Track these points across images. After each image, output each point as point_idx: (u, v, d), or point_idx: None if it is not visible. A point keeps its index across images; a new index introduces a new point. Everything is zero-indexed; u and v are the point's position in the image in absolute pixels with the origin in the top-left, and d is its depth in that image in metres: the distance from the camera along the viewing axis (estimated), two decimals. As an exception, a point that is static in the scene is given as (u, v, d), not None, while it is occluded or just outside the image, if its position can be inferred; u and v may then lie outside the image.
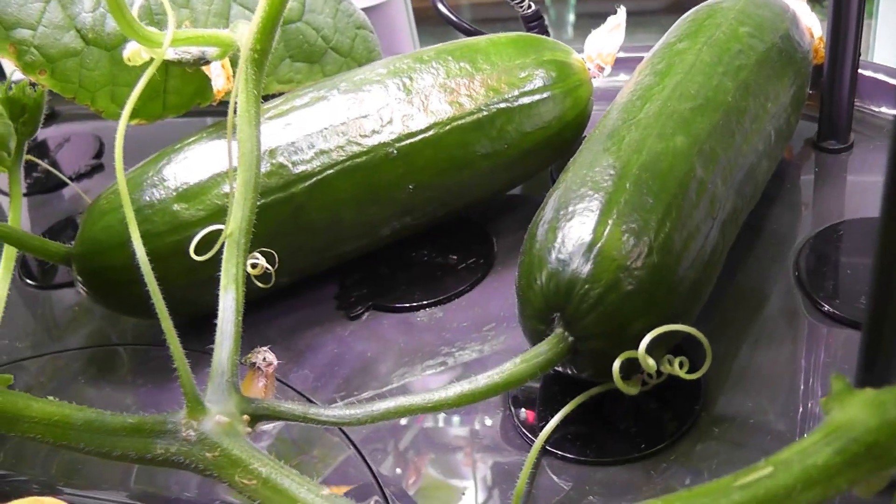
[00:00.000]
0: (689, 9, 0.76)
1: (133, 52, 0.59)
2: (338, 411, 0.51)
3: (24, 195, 1.02)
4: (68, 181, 0.80)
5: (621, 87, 0.69)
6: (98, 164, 1.02)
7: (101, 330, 0.77)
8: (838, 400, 0.36)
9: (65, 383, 0.71)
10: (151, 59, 0.58)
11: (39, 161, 0.95)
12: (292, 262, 0.67)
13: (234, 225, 0.55)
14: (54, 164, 1.07)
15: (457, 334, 0.67)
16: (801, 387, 0.58)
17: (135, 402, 0.68)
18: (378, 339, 0.68)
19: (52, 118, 1.16)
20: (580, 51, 0.77)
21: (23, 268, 0.85)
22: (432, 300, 0.70)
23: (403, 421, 0.61)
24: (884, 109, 0.83)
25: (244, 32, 0.58)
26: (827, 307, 0.62)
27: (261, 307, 0.71)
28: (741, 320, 0.63)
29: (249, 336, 0.68)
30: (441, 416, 0.62)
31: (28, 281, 0.84)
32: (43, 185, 1.02)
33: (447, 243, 0.75)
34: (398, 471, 0.58)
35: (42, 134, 1.15)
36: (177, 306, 0.68)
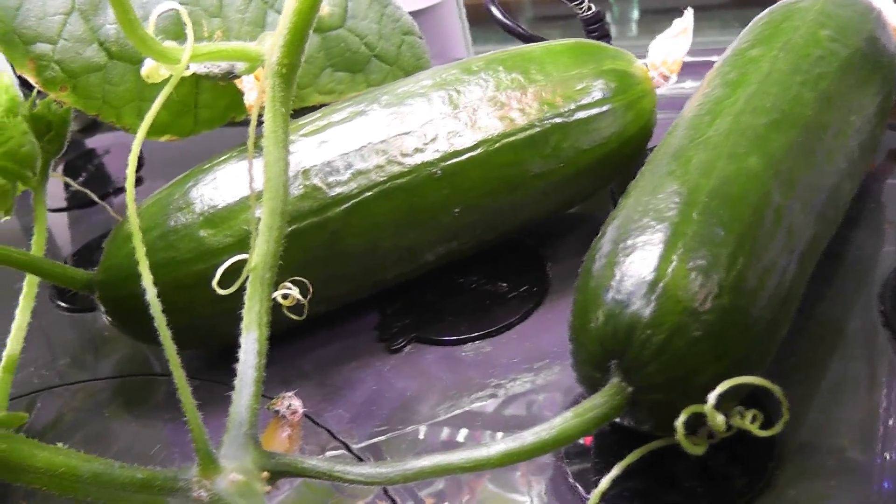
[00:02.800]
0: (757, 4, 0.69)
1: (151, 69, 0.55)
2: (367, 469, 0.46)
3: (64, 209, 0.99)
4: (98, 200, 0.76)
5: (687, 95, 0.63)
6: (138, 178, 0.98)
7: (135, 355, 0.73)
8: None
9: (90, 415, 0.68)
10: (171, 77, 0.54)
11: (69, 180, 0.92)
12: (328, 290, 0.63)
13: (259, 258, 0.51)
14: (93, 176, 1.03)
15: (506, 371, 0.61)
16: (884, 448, 0.51)
17: (162, 438, 0.64)
18: (420, 376, 0.62)
19: (96, 127, 1.13)
20: (645, 48, 0.71)
21: (55, 289, 0.81)
22: (480, 332, 0.64)
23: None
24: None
25: (270, 44, 0.53)
26: (919, 348, 0.56)
27: (295, 337, 0.67)
28: (820, 362, 0.57)
29: (282, 369, 0.64)
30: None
31: (60, 304, 0.80)
32: (83, 198, 0.98)
33: (497, 269, 0.70)
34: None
35: (90, 143, 1.13)
36: (204, 337, 0.65)
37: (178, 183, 0.63)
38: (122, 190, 0.98)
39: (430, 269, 0.68)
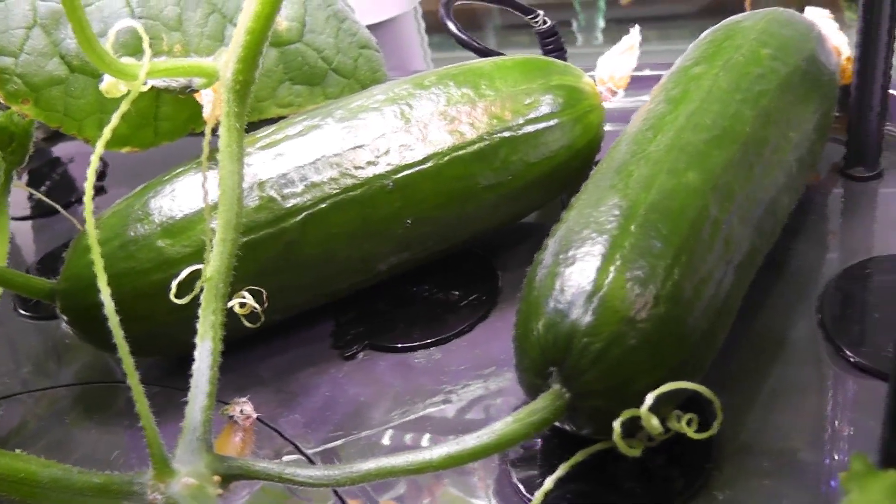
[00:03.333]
0: (723, 12, 0.72)
1: (109, 84, 0.56)
2: (315, 472, 0.47)
3: (29, 217, 1.00)
4: (60, 209, 0.77)
5: (637, 108, 0.65)
6: (100, 187, 0.99)
7: (97, 363, 0.74)
8: (858, 481, 0.32)
9: (52, 422, 0.68)
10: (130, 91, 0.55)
11: (32, 190, 0.93)
12: (284, 299, 0.64)
13: (213, 269, 0.52)
14: (58, 184, 1.04)
15: (456, 377, 0.63)
16: (824, 447, 0.53)
17: (122, 444, 0.65)
18: (373, 382, 0.64)
19: (61, 136, 1.13)
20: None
21: (18, 297, 0.82)
22: (431, 340, 0.66)
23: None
24: (917, 135, 0.78)
25: (224, 61, 0.55)
26: (852, 356, 0.58)
27: (252, 344, 0.67)
28: (759, 368, 0.59)
29: (239, 376, 0.66)
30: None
31: (22, 311, 0.81)
32: (47, 207, 0.99)
33: (449, 278, 0.71)
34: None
35: (55, 151, 1.13)
36: (164, 345, 0.66)
37: (138, 194, 0.64)
38: (83, 200, 0.98)
39: (384, 279, 0.69)
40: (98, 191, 0.99)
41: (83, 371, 0.73)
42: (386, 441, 0.60)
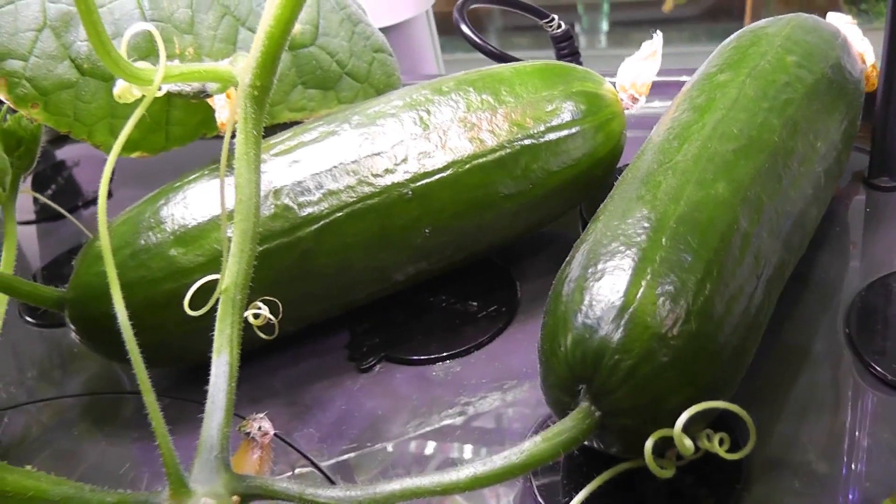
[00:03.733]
0: (725, 15, 0.70)
1: (123, 89, 0.55)
2: (337, 492, 0.46)
3: (33, 222, 0.98)
4: (67, 214, 0.75)
5: (656, 114, 0.64)
6: (107, 191, 0.98)
7: (105, 372, 0.72)
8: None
9: (59, 433, 0.67)
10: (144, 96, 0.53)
11: (37, 194, 0.91)
12: (299, 309, 0.63)
13: (230, 280, 0.51)
14: (63, 188, 1.03)
15: (475, 390, 0.62)
16: (850, 465, 0.52)
17: (131, 457, 0.64)
18: (390, 396, 0.63)
19: (66, 138, 1.12)
20: (614, 60, 0.71)
21: (24, 304, 0.81)
22: (449, 352, 0.65)
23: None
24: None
25: (243, 66, 0.53)
26: (882, 371, 0.56)
27: (266, 355, 0.66)
28: (786, 384, 0.58)
29: (252, 388, 0.64)
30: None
31: (28, 319, 0.79)
32: (52, 211, 0.97)
33: (467, 288, 0.70)
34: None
35: (60, 154, 1.12)
36: (176, 356, 0.65)
37: (150, 201, 0.63)
38: (91, 202, 0.97)
39: (401, 288, 0.68)
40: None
41: (91, 381, 0.72)
42: (403, 456, 0.58)
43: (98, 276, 0.61)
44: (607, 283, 0.48)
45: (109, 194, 0.98)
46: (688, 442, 0.44)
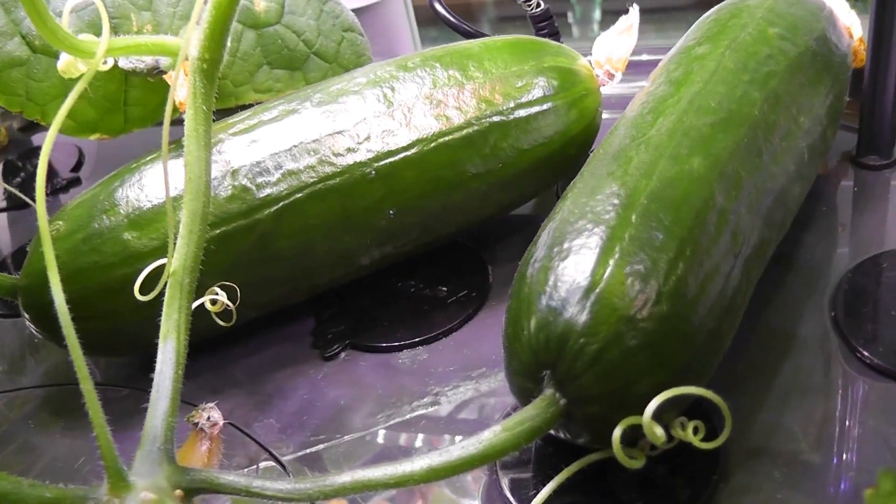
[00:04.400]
0: (717, 4, 0.68)
1: (67, 63, 0.52)
2: (286, 485, 0.43)
3: (3, 210, 0.96)
4: (30, 202, 0.73)
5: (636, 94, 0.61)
6: (75, 178, 0.95)
7: (69, 363, 0.69)
8: (885, 500, 0.28)
9: (18, 426, 0.64)
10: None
11: (3, 183, 0.88)
12: (260, 295, 0.60)
13: (178, 263, 0.48)
14: (33, 175, 1.00)
15: (443, 379, 0.59)
16: (839, 454, 0.49)
17: (88, 451, 0.61)
18: (354, 384, 0.60)
19: (37, 124, 1.09)
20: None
21: (-2, 296, 0.78)
22: (416, 339, 0.62)
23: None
24: (934, 121, 0.74)
25: (191, 39, 0.50)
26: (868, 356, 0.54)
27: (231, 342, 0.64)
28: (769, 368, 0.55)
29: (213, 377, 0.62)
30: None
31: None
32: (22, 199, 0.95)
33: (437, 272, 0.67)
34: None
35: (36, 140, 1.09)
36: (133, 343, 0.62)
37: (104, 184, 0.60)
38: (61, 190, 0.95)
39: (368, 273, 0.65)
40: (73, 182, 0.95)
41: (53, 372, 0.70)
42: (368, 447, 0.56)
43: (50, 260, 0.58)
44: (573, 262, 0.45)
45: (78, 181, 0.95)
46: (658, 430, 0.41)
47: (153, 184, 0.59)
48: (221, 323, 0.53)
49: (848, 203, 0.69)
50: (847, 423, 0.51)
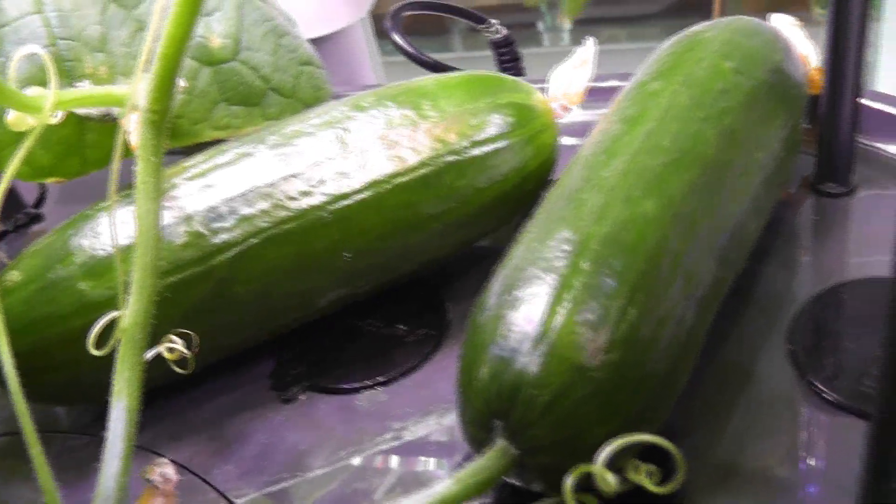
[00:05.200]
0: (688, 10, 0.67)
1: (16, 117, 0.51)
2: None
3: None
4: (-15, 244, 0.72)
5: (595, 121, 0.60)
6: (37, 214, 0.94)
7: (43, 410, 0.69)
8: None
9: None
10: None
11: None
12: (219, 340, 0.60)
13: (131, 319, 0.48)
14: (-3, 210, 0.99)
15: (401, 419, 0.58)
16: (798, 490, 0.49)
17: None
18: (313, 427, 0.59)
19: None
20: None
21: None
22: (375, 381, 0.61)
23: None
24: (891, 148, 0.74)
25: (139, 89, 0.50)
26: (826, 391, 0.54)
27: (191, 387, 0.63)
28: (726, 405, 0.55)
29: (172, 424, 0.62)
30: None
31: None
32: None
33: (395, 310, 0.67)
34: None
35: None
36: (93, 392, 0.61)
37: (60, 231, 0.60)
38: (23, 227, 0.94)
39: (328, 313, 0.65)
40: (35, 219, 0.94)
41: (10, 419, 0.68)
42: (325, 491, 0.55)
43: (6, 311, 0.58)
44: (523, 312, 0.45)
45: (40, 218, 0.94)
46: (610, 478, 0.41)
47: (108, 232, 0.58)
48: (179, 371, 0.52)
49: (808, 232, 0.69)
50: (808, 460, 0.51)
